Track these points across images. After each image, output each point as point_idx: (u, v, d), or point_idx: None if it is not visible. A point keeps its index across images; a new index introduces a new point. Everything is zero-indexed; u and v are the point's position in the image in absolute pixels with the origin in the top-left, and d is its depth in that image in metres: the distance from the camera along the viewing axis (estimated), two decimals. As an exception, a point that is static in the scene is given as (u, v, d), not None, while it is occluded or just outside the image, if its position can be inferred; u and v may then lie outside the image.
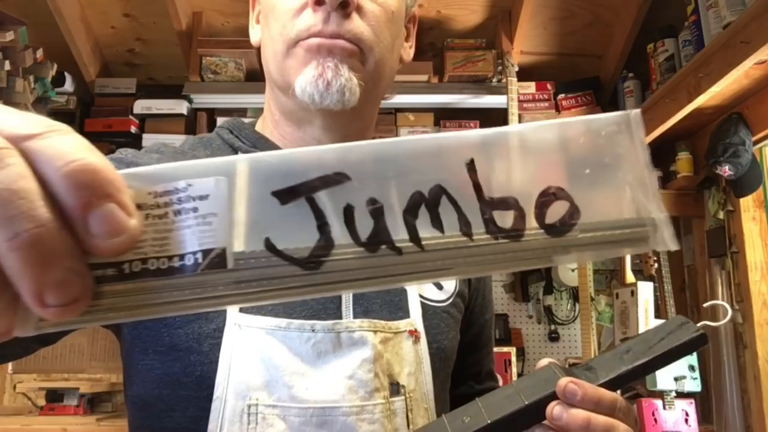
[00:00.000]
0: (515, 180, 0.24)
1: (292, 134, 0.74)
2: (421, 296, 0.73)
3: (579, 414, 0.49)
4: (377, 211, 0.23)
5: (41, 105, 2.16)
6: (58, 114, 2.39)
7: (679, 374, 2.22)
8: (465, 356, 0.83)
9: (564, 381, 0.50)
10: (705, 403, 2.37)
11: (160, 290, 0.22)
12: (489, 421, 0.48)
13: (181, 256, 0.22)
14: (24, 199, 0.19)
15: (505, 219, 0.24)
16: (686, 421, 2.20)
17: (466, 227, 0.24)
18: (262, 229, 0.23)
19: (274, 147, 0.73)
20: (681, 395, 2.23)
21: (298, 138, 0.73)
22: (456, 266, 0.24)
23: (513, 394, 0.50)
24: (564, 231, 0.24)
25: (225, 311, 0.62)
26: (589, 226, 0.25)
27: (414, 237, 0.24)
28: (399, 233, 0.23)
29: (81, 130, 2.44)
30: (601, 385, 0.51)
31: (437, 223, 0.24)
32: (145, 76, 2.62)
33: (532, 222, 0.24)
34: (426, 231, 0.24)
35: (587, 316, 2.33)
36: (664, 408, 2.20)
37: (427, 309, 0.73)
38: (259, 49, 0.76)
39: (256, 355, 0.62)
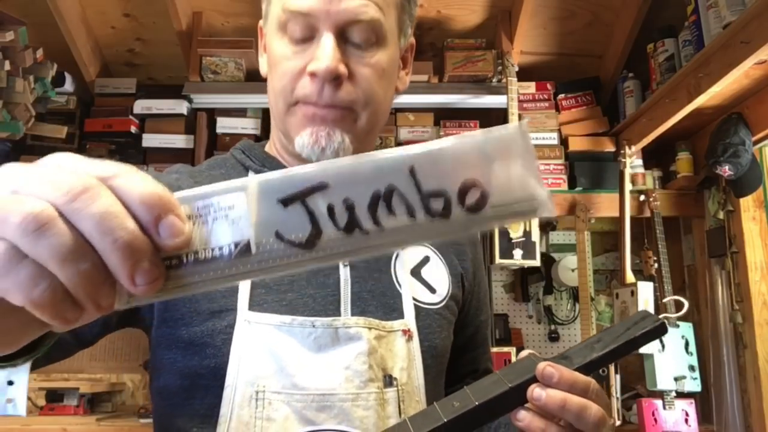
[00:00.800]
0: (443, 177, 0.35)
1: (295, 161, 0.81)
2: (414, 299, 0.79)
3: (556, 394, 0.55)
4: (350, 207, 0.34)
5: (41, 105, 2.16)
6: (58, 114, 2.39)
7: (679, 374, 2.22)
8: (461, 355, 0.89)
9: (542, 365, 0.56)
10: (705, 403, 2.38)
11: (207, 272, 0.33)
12: (476, 403, 0.54)
13: (220, 248, 0.33)
14: (118, 217, 0.30)
15: (438, 205, 0.35)
16: (686, 421, 2.20)
17: (411, 213, 0.35)
18: (272, 225, 0.33)
19: (281, 164, 0.81)
20: (681, 395, 2.23)
21: (300, 164, 0.80)
22: (407, 239, 0.35)
23: (497, 380, 0.56)
24: (479, 209, 0.35)
25: (235, 311, 0.70)
26: (496, 204, 0.35)
27: (376, 222, 0.34)
28: (366, 220, 0.34)
29: (81, 130, 2.45)
30: (575, 370, 0.56)
31: (391, 211, 0.34)
32: (145, 76, 2.62)
33: (456, 205, 0.35)
34: (384, 218, 0.34)
35: (587, 316, 2.33)
36: (664, 408, 2.20)
37: (420, 311, 0.79)
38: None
39: (264, 348, 0.69)
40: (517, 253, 2.19)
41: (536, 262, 2.23)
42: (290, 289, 0.73)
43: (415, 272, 0.82)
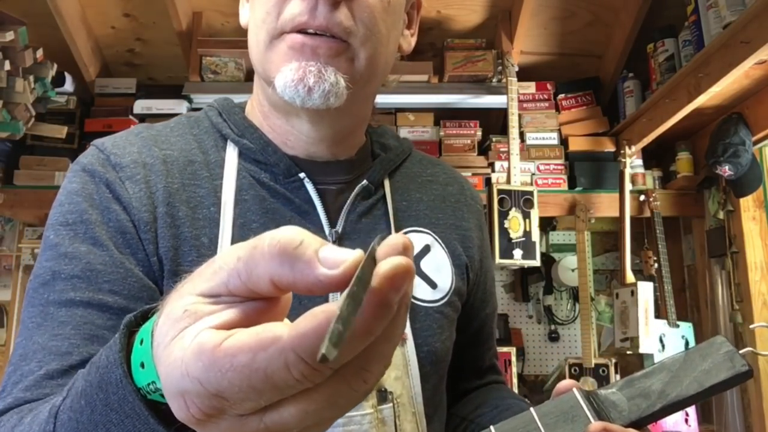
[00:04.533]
0: None
1: (281, 126, 0.71)
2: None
3: None
4: None
5: (41, 105, 2.16)
6: (58, 114, 2.39)
7: (679, 374, 2.21)
8: (465, 352, 0.80)
9: (597, 428, 0.46)
10: (705, 403, 2.37)
11: None
12: None
13: None
14: None
15: None
16: (686, 421, 2.20)
17: None
18: None
19: (263, 137, 0.71)
20: (681, 395, 2.23)
21: (287, 131, 0.70)
22: None
23: (533, 427, 0.46)
24: None
25: None
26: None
27: None
28: None
29: (81, 130, 2.45)
30: (631, 424, 0.47)
31: None
32: (145, 76, 2.62)
33: None
34: None
35: (587, 316, 2.33)
36: (664, 408, 2.20)
37: (417, 310, 0.70)
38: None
39: None
40: (517, 253, 2.19)
41: (536, 262, 2.23)
42: None
43: (414, 264, 0.72)
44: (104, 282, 0.58)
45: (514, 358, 2.29)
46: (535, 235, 2.22)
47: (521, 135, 2.42)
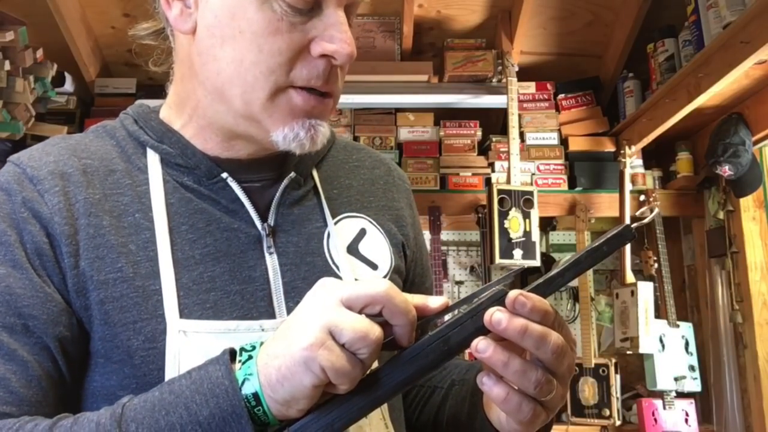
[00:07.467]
0: None
1: (217, 144, 0.70)
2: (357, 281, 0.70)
3: (518, 320, 0.50)
4: None
5: (41, 105, 2.16)
6: (58, 114, 2.39)
7: (679, 374, 2.22)
8: None
9: (514, 293, 0.51)
10: (705, 403, 2.37)
11: None
12: (429, 333, 0.52)
13: None
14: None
15: None
16: (686, 421, 2.20)
17: None
18: None
19: (181, 140, 0.70)
20: (681, 395, 2.23)
21: (224, 148, 0.70)
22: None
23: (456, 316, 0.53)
24: None
25: (154, 318, 0.61)
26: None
27: None
28: None
29: (81, 130, 2.45)
30: (534, 287, 0.53)
31: None
32: (145, 76, 2.62)
33: None
34: None
35: (587, 316, 2.33)
36: (664, 408, 2.20)
37: None
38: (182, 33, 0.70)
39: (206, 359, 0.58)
40: (517, 253, 2.19)
41: (536, 262, 2.23)
42: (212, 287, 0.63)
43: (353, 249, 0.73)
44: (24, 306, 0.59)
45: (514, 358, 2.29)
46: (535, 235, 2.22)
47: (521, 135, 2.42)
